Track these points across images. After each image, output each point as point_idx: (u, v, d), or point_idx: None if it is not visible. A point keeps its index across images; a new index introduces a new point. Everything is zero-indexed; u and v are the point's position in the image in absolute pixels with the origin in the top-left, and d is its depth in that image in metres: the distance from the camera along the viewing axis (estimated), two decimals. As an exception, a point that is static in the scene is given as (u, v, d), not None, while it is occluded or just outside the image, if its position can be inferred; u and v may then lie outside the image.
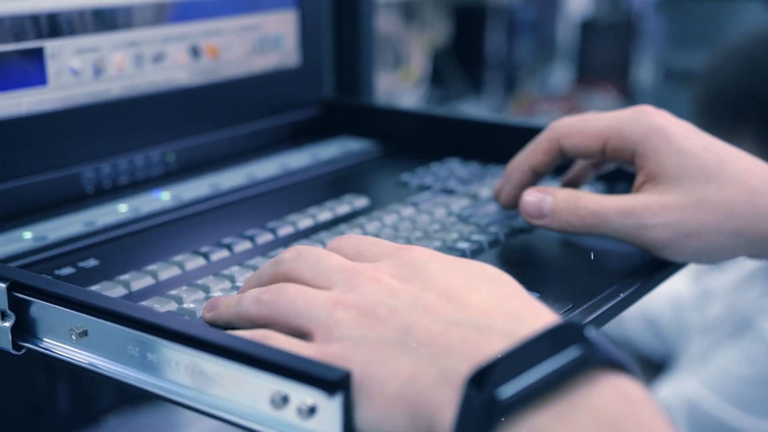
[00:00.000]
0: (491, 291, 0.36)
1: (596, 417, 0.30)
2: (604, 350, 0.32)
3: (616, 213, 0.49)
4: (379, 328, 0.35)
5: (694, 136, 0.50)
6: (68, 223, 0.56)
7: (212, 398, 0.36)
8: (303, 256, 0.39)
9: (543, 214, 0.51)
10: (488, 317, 0.34)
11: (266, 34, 0.73)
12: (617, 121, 0.51)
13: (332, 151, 0.72)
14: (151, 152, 0.65)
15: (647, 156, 0.50)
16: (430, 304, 0.35)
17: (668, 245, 0.48)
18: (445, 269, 0.37)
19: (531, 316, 0.34)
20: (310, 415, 0.34)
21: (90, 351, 0.40)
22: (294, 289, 0.38)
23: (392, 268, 0.37)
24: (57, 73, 0.59)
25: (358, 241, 0.41)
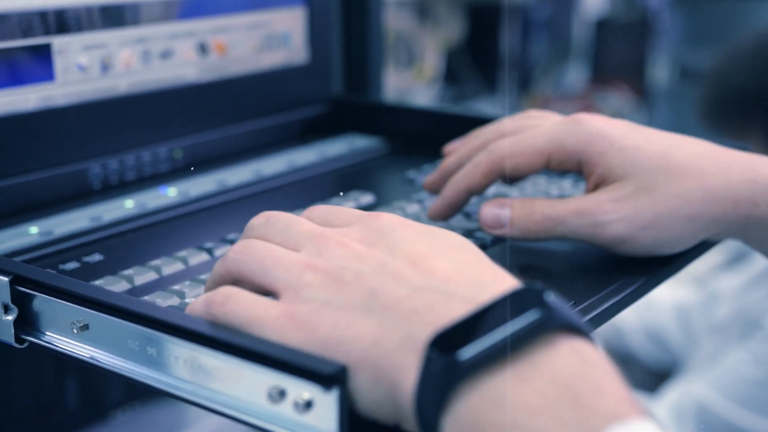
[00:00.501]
0: (456, 258, 0.37)
1: (553, 378, 0.31)
2: (562, 314, 0.33)
3: (571, 214, 0.49)
4: (346, 292, 0.35)
5: (634, 132, 0.50)
6: (74, 219, 0.56)
7: (210, 392, 0.36)
8: (272, 221, 0.40)
9: (502, 224, 0.51)
10: (451, 283, 0.35)
11: (274, 31, 0.73)
12: (556, 135, 0.51)
13: (339, 148, 0.72)
14: (158, 148, 0.65)
15: (593, 162, 0.50)
16: (395, 269, 0.36)
17: (627, 240, 0.49)
18: (413, 236, 0.38)
19: (493, 282, 0.35)
20: (307, 410, 0.34)
21: (91, 344, 0.40)
22: (262, 246, 0.38)
23: (360, 234, 0.38)
24: (64, 69, 0.59)
25: (328, 210, 0.41)
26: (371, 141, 0.75)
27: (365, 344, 0.34)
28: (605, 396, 0.31)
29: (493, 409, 0.31)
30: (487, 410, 0.31)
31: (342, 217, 0.40)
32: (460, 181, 0.53)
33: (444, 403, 0.32)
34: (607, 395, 0.31)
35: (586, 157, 0.50)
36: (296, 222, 0.39)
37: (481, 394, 0.31)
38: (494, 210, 0.51)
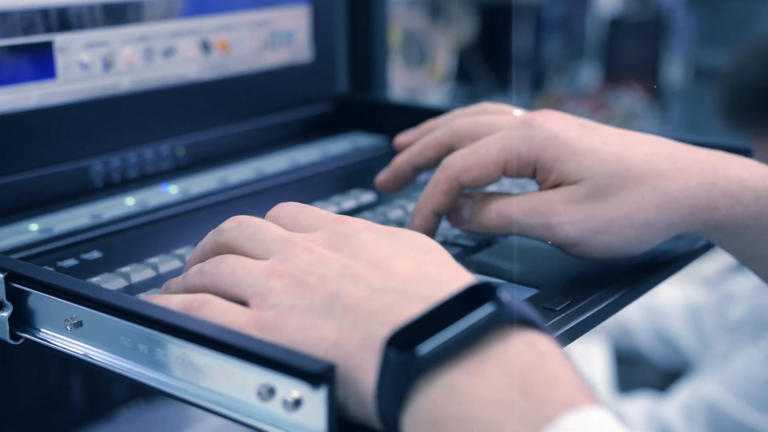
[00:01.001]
0: (417, 259, 0.37)
1: (507, 370, 0.32)
2: (515, 308, 0.33)
3: (522, 213, 0.48)
4: (309, 295, 0.36)
5: (590, 133, 0.48)
6: (74, 216, 0.56)
7: (201, 390, 0.37)
8: (243, 226, 0.41)
9: (463, 218, 0.51)
10: (410, 283, 0.36)
11: (278, 29, 0.73)
12: (509, 142, 0.49)
13: (343, 147, 0.72)
14: (160, 146, 0.65)
15: (547, 167, 0.48)
16: (357, 272, 0.37)
17: (578, 243, 0.47)
18: (376, 238, 0.39)
19: (451, 281, 0.36)
20: (296, 408, 0.34)
21: (84, 341, 0.40)
22: (233, 259, 0.39)
23: (326, 239, 0.39)
24: (66, 67, 0.59)
25: (297, 209, 0.42)
26: (375, 139, 0.75)
27: (327, 345, 0.35)
28: (557, 386, 0.32)
29: (449, 403, 0.32)
30: (444, 404, 0.32)
31: (310, 218, 0.41)
32: (424, 206, 0.51)
33: (402, 399, 0.33)
34: (558, 385, 0.32)
35: (540, 163, 0.48)
36: (265, 228, 0.40)
37: (438, 389, 0.32)
38: (459, 204, 0.51)
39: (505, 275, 0.49)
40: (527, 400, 0.31)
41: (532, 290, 0.47)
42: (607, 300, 0.45)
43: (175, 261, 0.50)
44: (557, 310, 0.44)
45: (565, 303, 0.45)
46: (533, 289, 0.47)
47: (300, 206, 0.42)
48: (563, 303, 0.45)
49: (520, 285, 0.47)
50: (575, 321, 0.43)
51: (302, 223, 0.41)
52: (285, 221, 0.41)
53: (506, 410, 0.31)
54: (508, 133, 0.49)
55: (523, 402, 0.31)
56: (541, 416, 0.31)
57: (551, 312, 0.44)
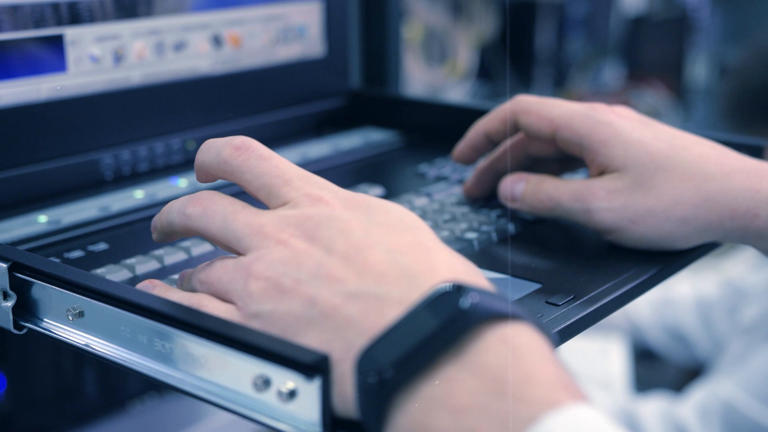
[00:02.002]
0: (392, 244, 0.36)
1: (481, 373, 0.31)
2: (486, 306, 0.33)
3: (568, 196, 0.50)
4: (287, 301, 0.36)
5: (644, 127, 0.51)
6: (83, 208, 0.56)
7: (198, 380, 0.37)
8: (209, 213, 0.40)
9: (515, 197, 0.53)
10: (385, 282, 0.35)
11: (290, 23, 0.73)
12: (570, 112, 0.52)
13: (354, 142, 0.72)
14: (171, 140, 0.65)
15: (594, 149, 0.50)
16: (331, 272, 0.36)
17: (614, 230, 0.49)
18: (350, 222, 0.37)
19: (425, 275, 0.35)
20: (291, 399, 0.34)
21: (86, 331, 0.40)
22: (219, 264, 0.39)
23: (297, 224, 0.38)
24: (77, 60, 0.59)
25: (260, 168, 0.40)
26: (387, 134, 0.74)
27: None
28: (535, 383, 0.31)
29: (429, 414, 0.31)
30: (424, 416, 0.31)
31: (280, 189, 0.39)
32: (481, 125, 0.56)
33: (382, 416, 0.32)
34: (536, 382, 0.31)
35: (587, 142, 0.51)
36: (233, 215, 0.39)
37: (417, 401, 0.32)
38: (512, 183, 0.54)
39: (509, 270, 0.49)
40: (504, 402, 0.30)
41: (535, 285, 0.46)
42: (611, 295, 0.45)
43: (181, 253, 0.50)
44: (560, 305, 0.44)
45: (567, 298, 0.44)
46: (536, 283, 0.47)
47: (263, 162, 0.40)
48: (566, 298, 0.44)
49: (522, 280, 0.47)
50: (578, 315, 0.43)
51: (270, 191, 0.39)
52: (248, 179, 0.40)
53: (484, 416, 0.30)
54: (576, 107, 0.52)
55: (500, 405, 0.30)
56: (521, 418, 0.30)
57: (554, 306, 0.44)
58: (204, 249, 0.51)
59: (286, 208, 0.39)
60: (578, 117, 0.51)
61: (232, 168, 0.41)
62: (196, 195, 0.41)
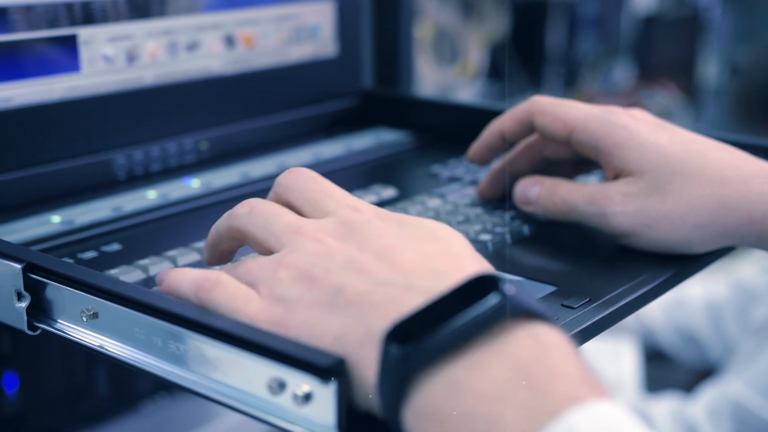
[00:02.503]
0: (422, 250, 0.37)
1: (509, 364, 0.31)
2: (519, 300, 0.33)
3: (583, 200, 0.50)
4: (314, 288, 0.36)
5: (660, 130, 0.50)
6: (96, 208, 0.56)
7: (213, 382, 0.36)
8: (254, 213, 0.41)
9: (530, 200, 0.53)
10: (413, 276, 0.36)
11: (303, 23, 0.73)
12: (585, 114, 0.52)
13: (366, 142, 0.72)
14: (183, 140, 0.65)
15: (610, 152, 0.50)
16: (361, 264, 0.37)
17: (630, 234, 0.49)
18: (383, 228, 0.38)
19: (454, 272, 0.35)
20: (306, 402, 0.34)
21: (100, 333, 0.40)
22: (250, 259, 0.39)
23: (335, 229, 0.39)
24: (90, 60, 0.59)
25: (307, 184, 0.42)
26: (399, 135, 0.74)
27: (330, 340, 0.35)
28: (560, 378, 0.31)
29: (450, 398, 0.31)
30: (444, 400, 0.31)
31: (322, 200, 0.41)
32: (496, 125, 0.56)
33: (402, 394, 0.32)
34: (562, 378, 0.31)
35: (602, 145, 0.50)
36: (276, 216, 0.40)
37: (438, 383, 0.32)
38: (527, 186, 0.53)
39: (524, 272, 0.48)
40: (529, 395, 0.30)
41: (550, 287, 0.46)
42: (627, 297, 0.45)
43: (194, 254, 0.50)
44: (575, 308, 0.43)
45: (583, 300, 0.44)
46: (551, 286, 0.46)
47: (310, 182, 0.42)
48: (582, 300, 0.44)
49: (538, 282, 0.47)
50: (594, 318, 0.42)
51: (313, 204, 0.41)
52: (295, 195, 0.41)
53: (508, 405, 0.30)
54: (592, 110, 0.52)
55: (525, 396, 0.30)
56: (544, 411, 0.30)
57: (569, 309, 0.43)
58: (217, 250, 0.51)
59: (326, 217, 0.40)
60: (594, 120, 0.51)
61: (282, 188, 0.42)
62: (246, 199, 0.42)
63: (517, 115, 0.54)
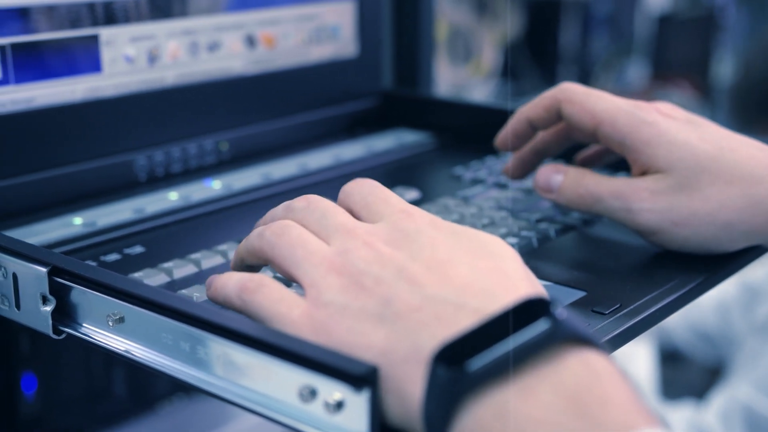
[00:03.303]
0: (474, 265, 0.36)
1: (560, 390, 0.31)
2: (570, 325, 0.32)
3: (609, 194, 0.49)
4: (363, 298, 0.36)
5: (690, 128, 0.49)
6: (118, 210, 0.56)
7: (242, 389, 0.36)
8: (311, 207, 0.41)
9: (551, 188, 0.52)
10: (464, 294, 0.35)
11: (323, 23, 0.72)
12: (615, 108, 0.51)
13: (387, 143, 0.72)
14: (204, 141, 0.65)
15: (638, 149, 0.49)
16: (412, 275, 0.36)
17: (657, 232, 0.49)
18: (436, 239, 0.38)
19: (506, 293, 0.35)
20: (338, 410, 0.33)
21: (126, 337, 0.40)
22: (296, 234, 0.39)
23: (388, 234, 0.38)
24: (112, 61, 0.59)
25: (369, 190, 0.41)
26: (420, 136, 0.74)
27: (374, 353, 0.34)
28: (612, 406, 0.30)
29: (498, 422, 0.31)
30: (492, 424, 0.31)
31: (379, 205, 0.40)
32: (524, 111, 0.55)
33: (450, 416, 0.32)
34: (614, 406, 0.30)
35: (630, 141, 0.50)
36: (332, 212, 0.40)
37: (487, 406, 0.31)
38: (549, 173, 0.52)
39: (552, 277, 0.48)
40: (580, 422, 0.30)
41: (579, 292, 0.45)
42: (659, 303, 0.44)
43: (218, 257, 0.50)
44: (606, 314, 0.43)
45: (614, 306, 0.43)
46: (581, 291, 0.46)
47: (373, 188, 0.41)
48: (613, 306, 0.43)
49: (567, 287, 0.46)
50: (626, 325, 0.42)
51: (370, 208, 0.40)
52: (355, 199, 0.41)
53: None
54: (621, 104, 0.51)
55: (576, 424, 0.30)
56: None
57: (600, 315, 0.43)
58: (241, 253, 0.50)
59: (379, 222, 0.39)
60: (622, 114, 0.50)
61: (345, 195, 0.42)
62: (304, 195, 0.42)
63: (545, 102, 0.54)
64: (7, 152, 0.54)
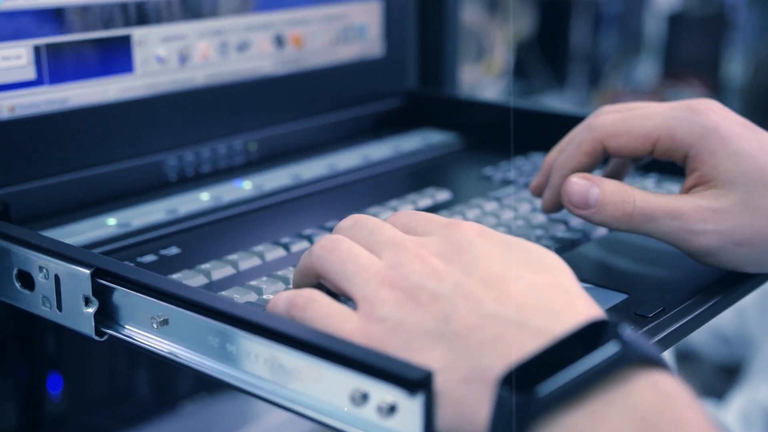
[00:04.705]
0: (532, 281, 0.35)
1: (632, 415, 0.30)
2: (639, 348, 0.32)
3: (665, 214, 0.45)
4: (419, 313, 0.35)
5: (751, 135, 0.46)
6: (151, 211, 0.56)
7: (290, 392, 0.36)
8: (358, 225, 0.40)
9: (588, 204, 0.47)
10: (524, 312, 0.34)
11: (350, 23, 0.72)
12: (668, 120, 0.47)
13: (414, 143, 0.71)
14: (233, 141, 0.65)
15: (701, 159, 0.46)
16: (470, 292, 0.35)
17: (717, 253, 0.45)
18: (490, 251, 0.37)
19: (567, 311, 0.34)
20: (390, 414, 0.33)
21: (170, 340, 0.40)
22: (346, 248, 0.38)
23: (439, 247, 0.37)
24: (143, 61, 0.59)
25: (410, 216, 0.41)
26: (446, 136, 0.73)
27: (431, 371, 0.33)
28: (685, 430, 0.30)
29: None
30: None
31: (424, 223, 0.40)
32: (564, 165, 0.50)
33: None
34: (687, 429, 0.30)
35: (695, 152, 0.46)
36: (380, 228, 0.39)
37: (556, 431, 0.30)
38: (584, 186, 0.47)
39: (591, 280, 0.47)
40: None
41: (621, 295, 0.45)
42: (702, 306, 0.44)
43: (255, 258, 0.49)
44: (650, 317, 0.43)
45: (657, 309, 0.43)
46: (622, 294, 0.45)
47: (413, 213, 0.41)
48: (656, 309, 0.43)
49: (607, 289, 0.46)
50: (670, 328, 0.42)
51: (416, 229, 0.39)
52: (398, 228, 0.40)
53: None
54: (670, 112, 0.48)
55: None
56: None
57: (643, 319, 0.43)
58: (278, 254, 0.50)
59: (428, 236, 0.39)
60: (680, 124, 0.47)
61: (389, 221, 0.41)
62: (351, 215, 0.42)
63: (585, 148, 0.49)
64: (42, 153, 0.54)
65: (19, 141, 0.53)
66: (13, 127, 0.53)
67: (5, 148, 0.53)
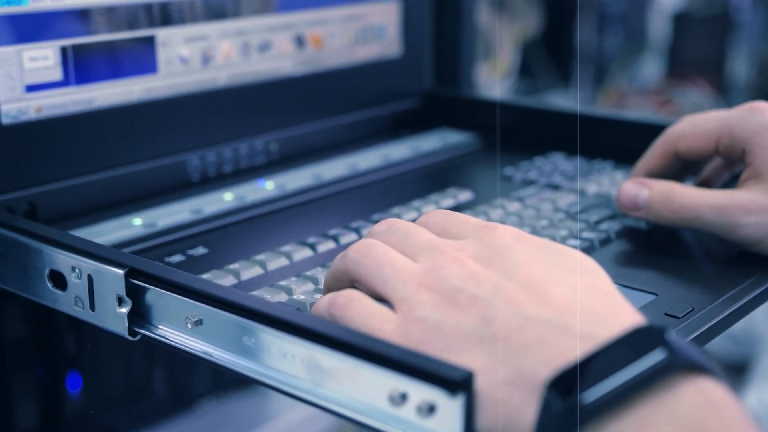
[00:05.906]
0: (573, 285, 0.35)
1: (679, 422, 0.30)
2: (686, 354, 0.32)
3: (710, 209, 0.49)
4: (459, 315, 0.35)
5: None
6: (176, 211, 0.56)
7: (328, 392, 0.36)
8: (393, 229, 0.40)
9: (638, 206, 0.52)
10: (566, 315, 0.34)
11: (369, 24, 0.72)
12: (727, 119, 0.51)
13: (433, 143, 0.72)
14: (254, 141, 0.65)
15: (754, 153, 0.50)
16: (510, 295, 0.35)
17: (762, 242, 0.48)
18: (528, 255, 0.37)
19: (610, 316, 0.34)
20: (430, 414, 0.33)
21: (205, 340, 0.40)
22: (382, 252, 0.38)
23: (476, 250, 0.37)
24: (167, 61, 0.59)
25: (444, 217, 0.41)
26: (464, 136, 0.74)
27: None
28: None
29: None
30: None
31: (458, 225, 0.40)
32: (640, 168, 0.55)
33: None
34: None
35: (749, 147, 0.50)
36: (414, 232, 0.39)
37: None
38: (633, 190, 0.52)
39: (619, 280, 0.48)
40: None
41: (650, 295, 0.45)
42: (733, 305, 0.44)
43: (282, 258, 0.50)
44: (680, 317, 0.43)
45: (687, 310, 0.43)
46: (651, 294, 0.46)
47: (448, 213, 0.41)
48: (686, 310, 0.43)
49: (636, 290, 0.46)
50: (701, 329, 0.42)
51: (450, 231, 0.40)
52: (433, 228, 0.40)
53: None
54: (730, 112, 0.52)
55: None
56: None
57: (674, 319, 0.43)
58: (305, 254, 0.50)
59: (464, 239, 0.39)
60: (737, 122, 0.50)
61: (423, 221, 0.41)
62: (384, 219, 0.42)
63: (658, 151, 0.54)
64: (68, 153, 0.54)
65: (46, 141, 0.53)
66: (40, 128, 0.53)
67: (32, 149, 0.53)
